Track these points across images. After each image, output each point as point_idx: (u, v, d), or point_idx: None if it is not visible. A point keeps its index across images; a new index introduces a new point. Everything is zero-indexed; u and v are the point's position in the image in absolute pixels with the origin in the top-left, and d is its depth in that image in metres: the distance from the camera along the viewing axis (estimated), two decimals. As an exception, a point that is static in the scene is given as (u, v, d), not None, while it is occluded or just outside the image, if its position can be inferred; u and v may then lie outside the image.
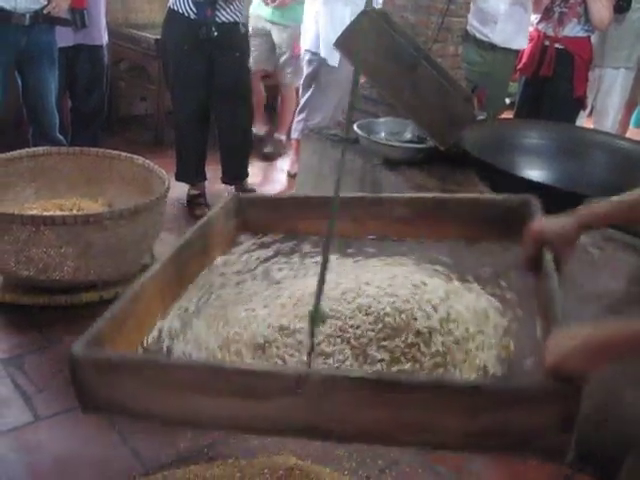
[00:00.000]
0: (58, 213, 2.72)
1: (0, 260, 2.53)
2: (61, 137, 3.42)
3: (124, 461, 1.96)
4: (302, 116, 4.09)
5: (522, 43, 3.76)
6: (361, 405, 0.98)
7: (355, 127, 2.65)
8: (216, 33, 3.21)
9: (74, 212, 2.82)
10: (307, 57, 3.99)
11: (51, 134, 3.34)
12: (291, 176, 4.24)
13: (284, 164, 4.54)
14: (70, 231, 2.44)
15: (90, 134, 3.83)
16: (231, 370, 1.03)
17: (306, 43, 3.99)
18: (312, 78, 4.00)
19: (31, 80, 3.23)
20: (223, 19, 3.24)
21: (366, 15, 2.34)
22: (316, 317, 1.01)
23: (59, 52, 3.37)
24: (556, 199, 2.13)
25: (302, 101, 4.13)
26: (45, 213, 2.74)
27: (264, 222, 1.52)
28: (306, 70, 4.05)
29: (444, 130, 2.39)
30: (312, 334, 1.03)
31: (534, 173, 2.54)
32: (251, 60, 3.78)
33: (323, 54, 3.80)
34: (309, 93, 4.05)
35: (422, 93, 2.26)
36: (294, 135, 4.19)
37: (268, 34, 4.47)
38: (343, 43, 2.35)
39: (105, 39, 3.73)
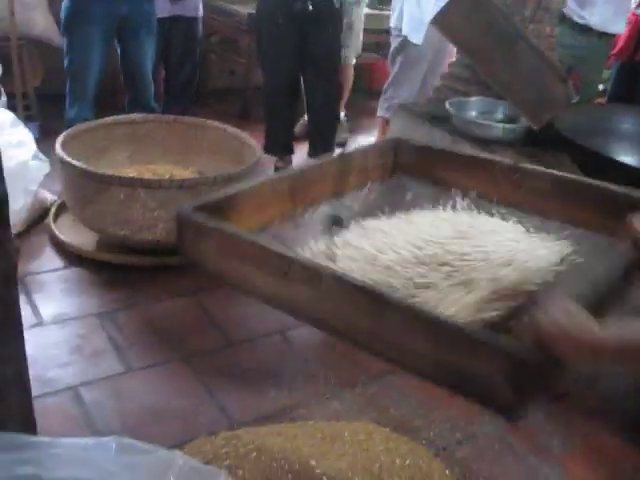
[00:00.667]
0: (154, 177, 2.82)
1: (98, 219, 2.65)
2: (156, 105, 3.53)
3: (210, 415, 2.04)
4: (388, 94, 4.11)
5: (620, 27, 3.67)
6: (356, 309, 1.14)
7: (447, 105, 2.66)
8: (311, 7, 3.25)
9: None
10: (394, 33, 4.01)
11: (147, 102, 3.45)
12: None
13: (358, 143, 4.55)
14: (165, 194, 2.53)
15: (181, 105, 3.93)
16: (274, 252, 1.22)
17: (392, 20, 4.02)
18: (397, 55, 4.01)
19: (130, 49, 3.34)
20: (316, -6, 3.29)
21: (465, -8, 2.34)
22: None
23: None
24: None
25: (389, 78, 4.15)
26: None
27: (417, 168, 1.75)
28: (392, 46, 4.08)
29: (538, 110, 2.38)
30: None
31: (627, 159, 2.50)
32: None
33: (405, 31, 3.81)
34: (395, 70, 4.07)
35: (519, 71, 2.25)
36: (380, 113, 4.21)
37: None
38: (441, 20, 2.36)
39: (200, 12, 3.82)
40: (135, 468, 1.14)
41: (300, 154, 3.82)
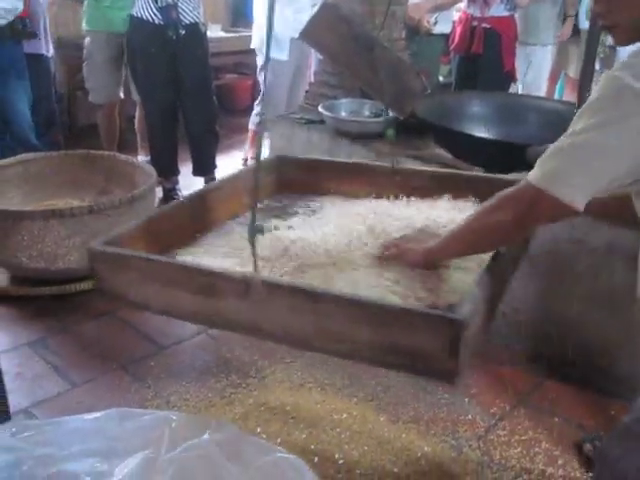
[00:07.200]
0: (64, 206, 2.91)
1: (10, 256, 2.75)
2: (39, 144, 3.60)
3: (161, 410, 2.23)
4: (258, 109, 4.42)
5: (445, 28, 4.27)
6: (293, 310, 1.18)
7: (320, 108, 2.98)
8: (183, 32, 3.49)
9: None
10: (258, 53, 4.35)
11: (29, 141, 3.53)
12: (251, 163, 4.54)
13: (241, 155, 4.83)
14: (77, 222, 2.68)
15: (47, 144, 3.95)
16: (194, 269, 1.29)
17: (255, 41, 4.37)
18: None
19: (3, 94, 3.42)
20: (186, 21, 3.53)
21: (324, 8, 2.67)
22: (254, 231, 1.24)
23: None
24: (503, 151, 2.50)
25: (259, 95, 4.47)
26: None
27: (300, 181, 1.92)
28: (258, 65, 4.40)
29: (401, 102, 2.73)
30: (253, 245, 1.23)
31: (479, 133, 2.90)
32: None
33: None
34: (263, 87, 4.39)
35: (380, 70, 2.57)
36: (251, 126, 4.52)
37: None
38: (308, 34, 2.67)
39: (51, 51, 3.96)
40: (138, 430, 1.35)
41: (185, 172, 4.03)
